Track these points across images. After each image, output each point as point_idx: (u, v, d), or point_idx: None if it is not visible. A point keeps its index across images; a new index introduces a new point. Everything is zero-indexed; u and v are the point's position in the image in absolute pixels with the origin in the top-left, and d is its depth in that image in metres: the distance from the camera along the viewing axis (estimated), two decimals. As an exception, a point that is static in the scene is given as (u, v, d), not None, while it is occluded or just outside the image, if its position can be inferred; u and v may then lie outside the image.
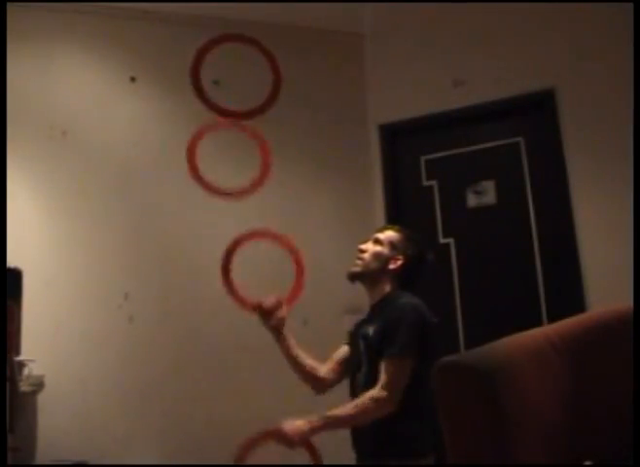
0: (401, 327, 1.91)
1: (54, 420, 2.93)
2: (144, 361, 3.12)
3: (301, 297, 2.14)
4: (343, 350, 2.20)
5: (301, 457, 1.95)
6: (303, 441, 1.86)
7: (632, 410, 1.27)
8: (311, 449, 1.91)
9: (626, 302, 1.50)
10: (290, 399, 3.03)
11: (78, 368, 3.03)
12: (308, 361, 2.15)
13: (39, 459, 2.86)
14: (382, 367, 1.89)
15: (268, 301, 2.07)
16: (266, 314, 2.06)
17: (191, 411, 3.11)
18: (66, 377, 2.99)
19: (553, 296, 3.15)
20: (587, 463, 1.30)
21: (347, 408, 1.88)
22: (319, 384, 2.14)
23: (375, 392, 1.86)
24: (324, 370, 2.16)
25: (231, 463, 1.90)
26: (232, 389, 3.17)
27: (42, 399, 2.93)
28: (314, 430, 1.85)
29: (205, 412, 3.13)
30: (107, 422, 3.02)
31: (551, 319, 2.95)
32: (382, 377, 1.88)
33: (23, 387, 2.78)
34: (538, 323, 2.96)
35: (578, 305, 2.95)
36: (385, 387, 1.86)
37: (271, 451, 1.92)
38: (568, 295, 3.06)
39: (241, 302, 2.10)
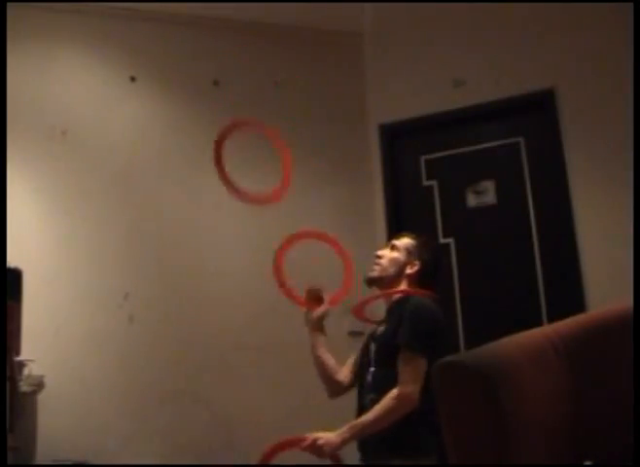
0: (415, 326, 1.94)
1: (54, 420, 2.93)
2: (144, 361, 3.12)
3: (345, 299, 2.15)
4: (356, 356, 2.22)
5: (301, 457, 1.95)
6: (333, 453, 1.88)
7: (632, 409, 1.27)
8: (337, 459, 1.92)
9: (626, 301, 1.50)
10: (290, 398, 3.04)
11: (78, 368, 3.03)
12: (331, 362, 2.18)
13: (39, 459, 2.86)
14: (399, 364, 1.91)
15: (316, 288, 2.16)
16: (313, 298, 2.15)
17: (191, 410, 3.11)
18: (66, 377, 2.99)
19: (553, 296, 3.15)
20: (587, 463, 1.30)
21: (372, 412, 1.89)
22: (335, 387, 2.17)
23: (396, 390, 1.87)
24: (342, 374, 2.18)
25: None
26: (233, 389, 3.17)
27: (42, 399, 2.93)
28: (345, 442, 1.87)
29: (205, 411, 3.13)
30: (107, 422, 3.02)
31: (551, 319, 2.95)
32: (401, 375, 1.89)
33: (23, 387, 2.77)
34: (538, 323, 2.95)
35: (578, 305, 2.95)
36: (405, 384, 1.87)
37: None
38: (568, 295, 3.06)
39: (294, 298, 2.15)
